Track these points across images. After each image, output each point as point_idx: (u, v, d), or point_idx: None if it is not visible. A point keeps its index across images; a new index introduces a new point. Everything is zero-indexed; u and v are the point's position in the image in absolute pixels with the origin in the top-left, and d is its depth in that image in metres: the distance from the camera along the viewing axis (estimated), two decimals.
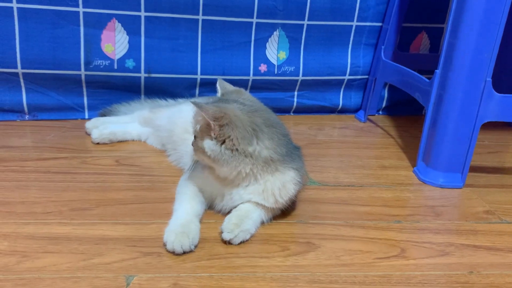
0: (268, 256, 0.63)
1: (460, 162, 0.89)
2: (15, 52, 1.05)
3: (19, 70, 1.07)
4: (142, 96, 1.16)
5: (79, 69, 1.10)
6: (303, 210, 0.76)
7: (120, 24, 1.09)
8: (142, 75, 1.14)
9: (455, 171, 0.90)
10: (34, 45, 1.06)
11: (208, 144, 0.66)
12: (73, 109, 1.14)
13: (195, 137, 0.70)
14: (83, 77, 1.11)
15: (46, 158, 0.90)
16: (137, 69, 1.13)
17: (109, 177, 0.84)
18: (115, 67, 1.12)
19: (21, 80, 1.08)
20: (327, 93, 1.30)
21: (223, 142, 0.65)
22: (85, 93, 1.13)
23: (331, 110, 1.32)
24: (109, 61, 1.11)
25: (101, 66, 1.11)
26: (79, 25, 1.07)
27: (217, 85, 0.79)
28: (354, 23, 1.22)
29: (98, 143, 0.98)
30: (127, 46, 1.12)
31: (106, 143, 0.99)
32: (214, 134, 0.65)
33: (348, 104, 1.32)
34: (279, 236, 0.68)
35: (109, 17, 1.08)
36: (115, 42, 1.11)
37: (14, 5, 1.02)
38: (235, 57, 1.19)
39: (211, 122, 0.64)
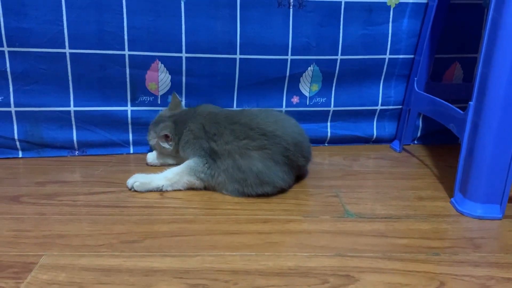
0: None
1: (498, 193, 0.89)
2: (68, 92, 1.14)
3: (72, 108, 1.15)
4: None
5: (126, 106, 1.17)
6: (341, 242, 0.78)
7: (163, 65, 1.16)
8: None
9: (494, 202, 0.89)
10: (84, 84, 1.14)
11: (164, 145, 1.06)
12: (119, 145, 1.21)
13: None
14: (129, 113, 1.18)
15: (96, 192, 0.97)
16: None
17: (154, 210, 0.89)
18: (159, 102, 1.19)
19: (72, 118, 1.16)
20: (360, 123, 1.32)
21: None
22: (130, 129, 1.20)
23: (365, 140, 1.34)
24: (153, 97, 1.18)
25: (146, 102, 1.18)
26: (125, 67, 1.15)
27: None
28: (387, 56, 1.25)
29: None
30: (170, 84, 1.18)
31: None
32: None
33: (383, 134, 1.34)
34: (318, 269, 0.70)
35: (153, 58, 1.15)
36: (158, 81, 1.18)
37: (67, 50, 1.11)
38: (269, 90, 1.24)
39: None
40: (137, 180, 0.97)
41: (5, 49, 1.08)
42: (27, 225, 0.82)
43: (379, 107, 1.30)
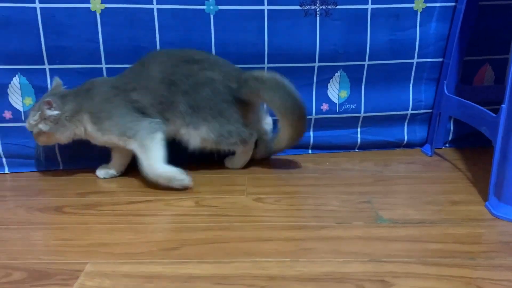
0: None
1: None
2: None
3: None
4: None
5: None
6: (374, 248, 0.79)
7: None
8: None
9: None
10: None
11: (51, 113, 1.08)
12: None
13: None
14: None
15: (134, 202, 1.00)
16: None
17: (190, 218, 0.92)
18: None
19: None
20: (391, 129, 1.32)
21: None
22: None
23: (396, 145, 1.33)
24: None
25: None
26: None
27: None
28: (415, 60, 1.25)
29: None
30: None
31: None
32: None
33: (414, 139, 1.33)
34: (353, 275, 0.71)
35: None
36: None
37: (103, 66, 1.16)
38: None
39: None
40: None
41: (46, 66, 1.14)
42: (71, 235, 0.86)
43: (409, 112, 1.30)
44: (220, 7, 1.15)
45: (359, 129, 1.31)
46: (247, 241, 0.82)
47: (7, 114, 1.17)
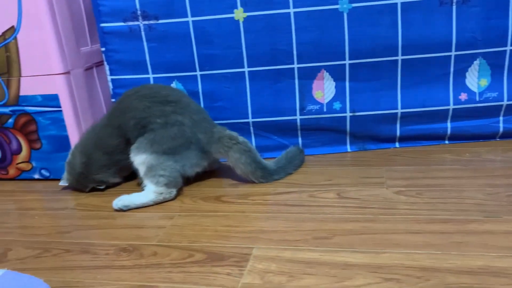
0: None
1: None
2: (247, 106, 1.31)
3: (250, 119, 1.33)
4: (348, 135, 1.31)
5: (295, 115, 1.30)
6: None
7: (328, 73, 1.26)
8: (348, 114, 1.29)
9: None
10: (260, 98, 1.30)
11: None
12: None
13: None
14: (298, 121, 1.31)
15: (280, 192, 1.11)
16: (343, 109, 1.29)
17: (335, 209, 1.00)
18: (324, 109, 1.29)
19: (251, 128, 1.34)
20: None
21: None
22: (299, 134, 1.33)
23: None
24: (319, 105, 1.29)
25: (313, 110, 1.30)
26: (294, 79, 1.28)
27: None
28: None
29: None
30: (334, 91, 1.28)
31: None
32: None
33: None
34: (510, 270, 0.72)
35: (319, 68, 1.26)
36: (324, 89, 1.28)
37: (246, 69, 1.28)
38: (434, 88, 1.25)
39: None
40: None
41: (198, 73, 1.30)
42: (234, 222, 0.99)
43: None
44: (354, 5, 1.19)
45: (501, 118, 1.26)
46: (395, 233, 0.87)
47: None
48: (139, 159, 1.12)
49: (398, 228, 0.89)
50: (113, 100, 1.36)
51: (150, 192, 1.11)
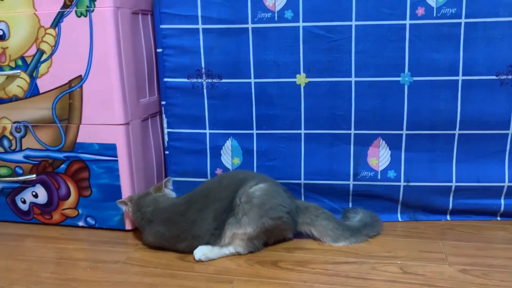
0: None
1: None
2: (300, 167, 1.32)
3: (302, 181, 1.32)
4: (400, 204, 1.31)
5: (349, 180, 1.31)
6: None
7: (384, 141, 1.28)
8: (402, 183, 1.29)
9: None
10: (314, 160, 1.31)
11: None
12: (340, 212, 1.33)
13: None
14: (351, 186, 1.31)
15: (340, 262, 1.09)
16: (397, 178, 1.29)
17: (400, 285, 0.97)
18: (378, 177, 1.30)
19: (302, 189, 1.33)
20: None
21: None
22: (350, 199, 1.33)
23: None
24: (373, 172, 1.30)
25: (367, 177, 1.30)
26: (350, 144, 1.29)
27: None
28: None
29: None
30: (389, 159, 1.29)
31: None
32: None
33: None
34: None
35: (376, 136, 1.27)
36: (379, 156, 1.29)
37: (302, 131, 1.29)
38: (490, 164, 1.25)
39: None
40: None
41: (254, 131, 1.31)
42: None
43: None
44: (415, 78, 1.22)
45: None
46: None
47: (218, 171, 1.36)
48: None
49: None
50: (167, 152, 1.36)
51: (231, 251, 1.13)
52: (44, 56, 1.25)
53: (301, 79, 1.26)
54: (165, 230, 1.15)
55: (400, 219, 1.32)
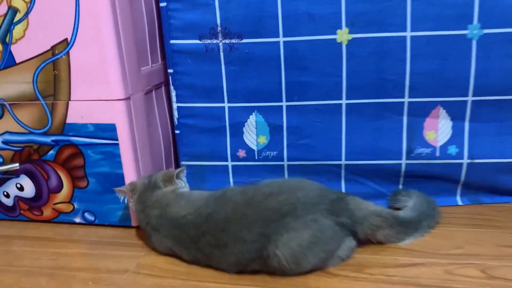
0: None
1: None
2: (341, 145, 1.09)
3: (342, 161, 1.10)
4: (460, 185, 1.09)
5: (400, 159, 1.08)
6: None
7: (444, 111, 1.04)
8: (465, 161, 1.06)
9: None
10: (357, 137, 1.08)
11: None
12: (387, 196, 1.11)
13: None
14: (402, 167, 1.08)
15: (404, 264, 0.87)
16: (459, 155, 1.06)
17: None
18: (437, 154, 1.07)
19: (342, 171, 1.11)
20: None
21: None
22: (401, 181, 1.11)
23: None
24: (431, 149, 1.07)
25: (423, 154, 1.07)
26: (402, 115, 1.05)
27: None
28: None
29: None
30: (450, 132, 1.06)
31: None
32: None
33: None
34: None
35: (434, 104, 1.04)
36: (437, 129, 1.06)
37: (343, 101, 1.05)
38: None
39: None
40: None
41: (284, 103, 1.07)
42: None
43: None
44: (486, 31, 0.97)
45: None
46: None
47: (241, 153, 1.12)
48: None
49: None
50: (177, 131, 1.13)
51: None
52: (18, 16, 0.99)
53: (343, 35, 1.00)
54: (175, 249, 0.92)
55: (460, 203, 1.11)
